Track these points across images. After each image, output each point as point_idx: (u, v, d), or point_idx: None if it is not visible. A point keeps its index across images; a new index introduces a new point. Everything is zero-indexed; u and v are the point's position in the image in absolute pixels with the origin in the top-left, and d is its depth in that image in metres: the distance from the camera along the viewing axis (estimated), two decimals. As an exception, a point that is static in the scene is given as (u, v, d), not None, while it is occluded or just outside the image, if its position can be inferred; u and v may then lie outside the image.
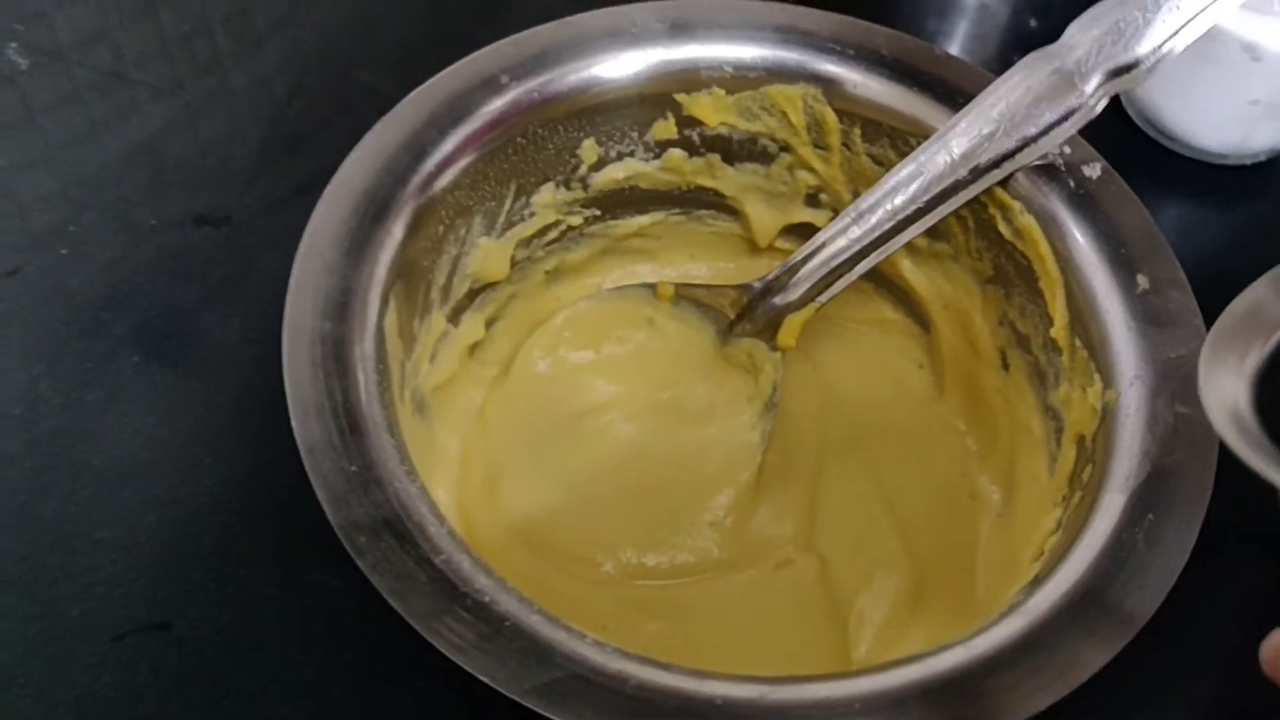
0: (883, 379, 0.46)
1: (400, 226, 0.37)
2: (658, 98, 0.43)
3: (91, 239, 0.49)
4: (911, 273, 0.45)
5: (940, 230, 0.43)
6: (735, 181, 0.45)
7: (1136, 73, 0.38)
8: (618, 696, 0.30)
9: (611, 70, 0.42)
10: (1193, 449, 0.34)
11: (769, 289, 0.43)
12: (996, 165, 0.39)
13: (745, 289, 0.44)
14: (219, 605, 0.40)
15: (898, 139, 0.42)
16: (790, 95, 0.43)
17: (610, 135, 0.43)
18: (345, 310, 0.35)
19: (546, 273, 0.46)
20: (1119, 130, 0.56)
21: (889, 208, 0.40)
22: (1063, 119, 0.39)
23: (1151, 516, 0.33)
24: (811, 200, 0.46)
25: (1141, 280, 0.38)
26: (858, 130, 0.43)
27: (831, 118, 0.43)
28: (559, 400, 0.45)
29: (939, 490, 0.43)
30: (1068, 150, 0.40)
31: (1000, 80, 0.40)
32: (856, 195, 0.43)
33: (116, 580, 0.40)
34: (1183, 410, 0.35)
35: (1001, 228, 0.41)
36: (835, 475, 0.44)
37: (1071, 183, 0.40)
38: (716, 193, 0.46)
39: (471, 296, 0.43)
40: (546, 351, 0.45)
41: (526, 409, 0.44)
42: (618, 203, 0.46)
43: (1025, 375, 0.42)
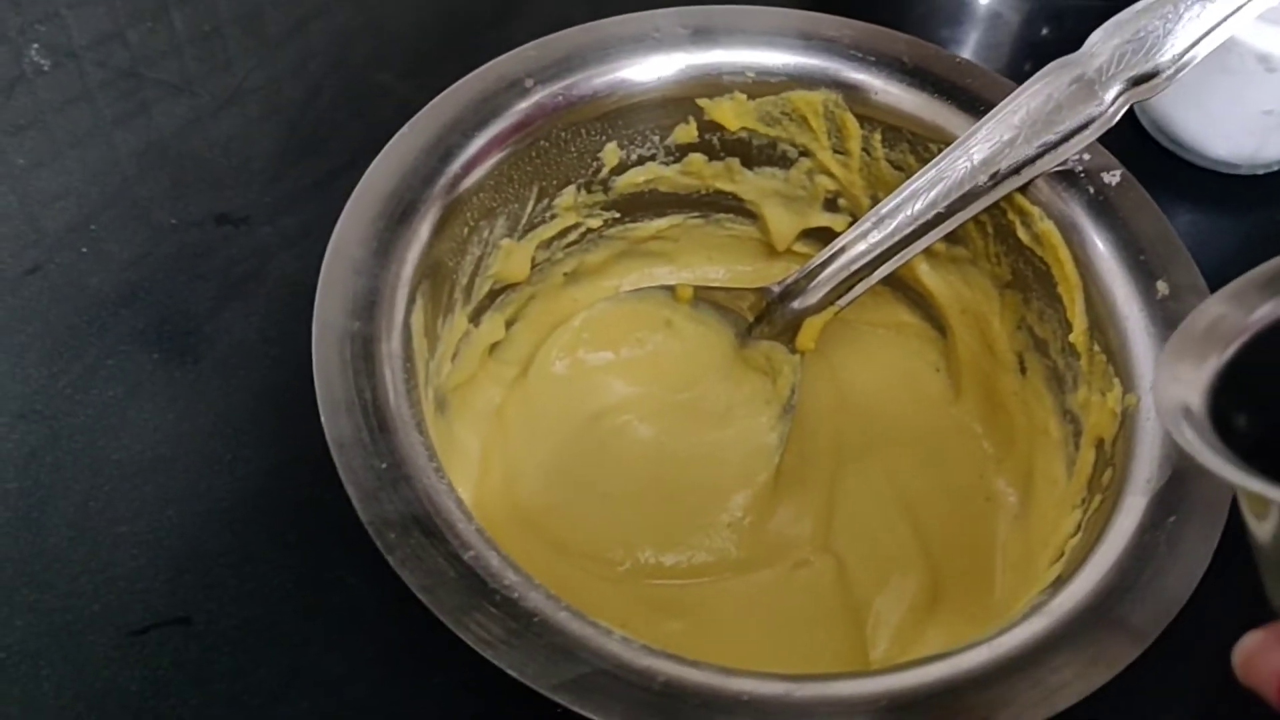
0: (899, 382, 0.47)
1: (427, 227, 0.38)
2: (680, 102, 0.43)
3: (111, 237, 0.49)
4: (929, 277, 0.45)
5: (959, 235, 0.43)
6: (754, 185, 0.46)
7: (1156, 81, 0.39)
8: (645, 693, 0.30)
9: (635, 75, 0.42)
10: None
11: (788, 292, 0.44)
12: (1016, 171, 0.40)
13: (764, 292, 0.44)
14: (239, 600, 0.40)
15: (918, 145, 0.43)
16: (811, 101, 0.43)
17: (632, 139, 0.43)
18: (373, 309, 0.35)
19: (565, 274, 0.46)
20: (1132, 139, 0.56)
21: (909, 213, 0.41)
22: (1083, 126, 0.39)
23: (1173, 519, 0.33)
24: (830, 205, 0.46)
25: (1161, 286, 0.38)
26: (878, 136, 0.43)
27: (852, 123, 0.43)
28: (577, 401, 0.45)
29: (956, 493, 0.44)
30: (1087, 157, 0.40)
31: (1022, 88, 0.40)
32: (875, 200, 0.43)
33: (137, 575, 0.41)
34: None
35: (1020, 233, 0.41)
36: (852, 477, 0.44)
37: (1091, 189, 0.40)
38: (735, 196, 0.46)
39: (492, 297, 0.44)
40: (565, 352, 0.45)
41: (545, 409, 0.44)
42: (637, 206, 0.46)
43: (1043, 379, 0.42)
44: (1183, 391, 0.26)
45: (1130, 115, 0.56)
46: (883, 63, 0.43)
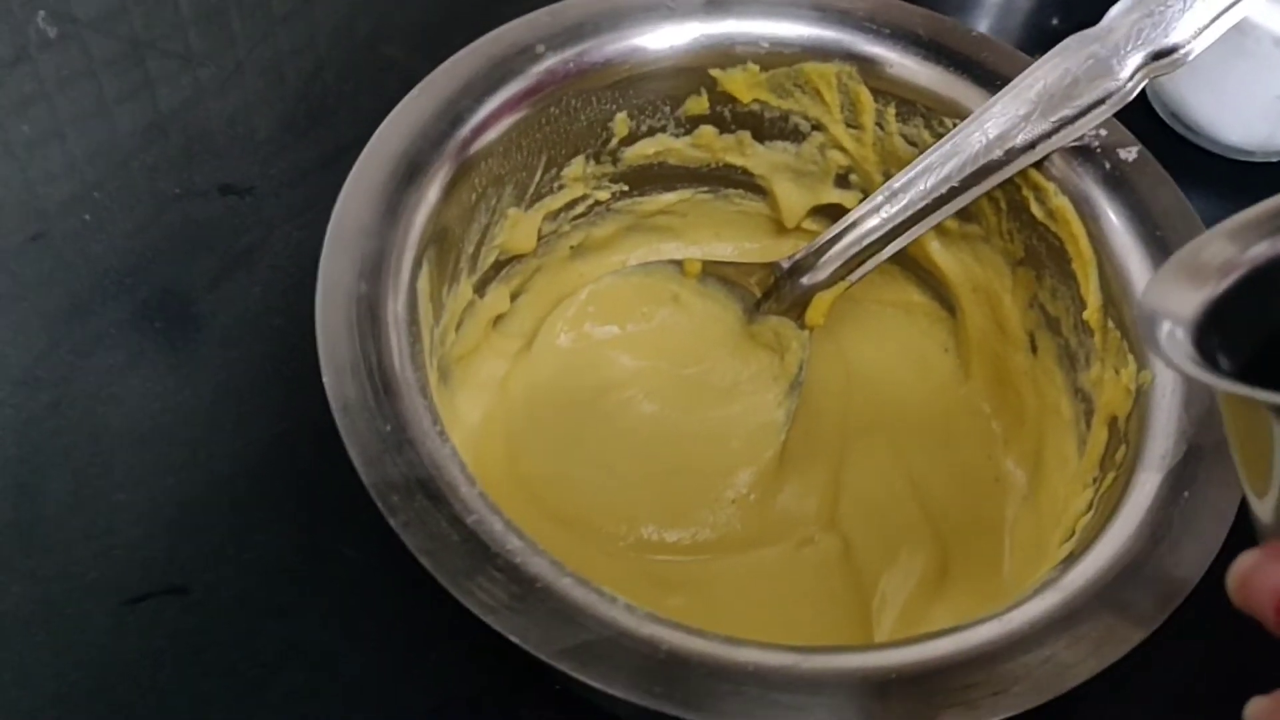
0: (908, 361, 0.46)
1: (435, 189, 0.37)
2: (692, 72, 0.42)
3: (115, 205, 0.48)
4: (940, 254, 0.45)
5: (971, 211, 0.42)
6: (765, 160, 0.45)
7: (1175, 57, 0.39)
8: (649, 661, 0.29)
9: (647, 43, 0.41)
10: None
11: (797, 267, 0.43)
12: (1031, 147, 0.39)
13: (773, 267, 0.44)
14: (237, 571, 0.40)
15: (932, 119, 0.42)
16: (825, 73, 0.42)
17: (643, 109, 0.43)
18: (380, 271, 0.35)
19: (572, 248, 0.46)
20: (1146, 124, 0.56)
21: (922, 187, 0.40)
22: (1099, 102, 0.39)
23: (1187, 494, 0.33)
24: (841, 181, 0.46)
25: (1177, 262, 0.37)
26: (892, 110, 0.43)
27: (866, 96, 0.43)
28: (582, 375, 0.44)
29: (964, 472, 0.43)
30: (1103, 133, 0.40)
31: (1038, 62, 0.40)
32: (887, 176, 0.43)
33: (135, 543, 0.40)
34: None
35: (1034, 209, 0.41)
36: (859, 455, 0.44)
37: (1107, 165, 0.40)
38: (745, 171, 0.46)
39: (498, 268, 0.43)
40: (571, 326, 0.45)
41: (549, 382, 0.44)
42: (645, 179, 0.45)
43: (1054, 357, 0.42)
44: (1170, 310, 0.26)
45: (1144, 100, 0.56)
46: (898, 35, 0.42)
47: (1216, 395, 0.28)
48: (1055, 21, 0.62)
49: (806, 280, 0.43)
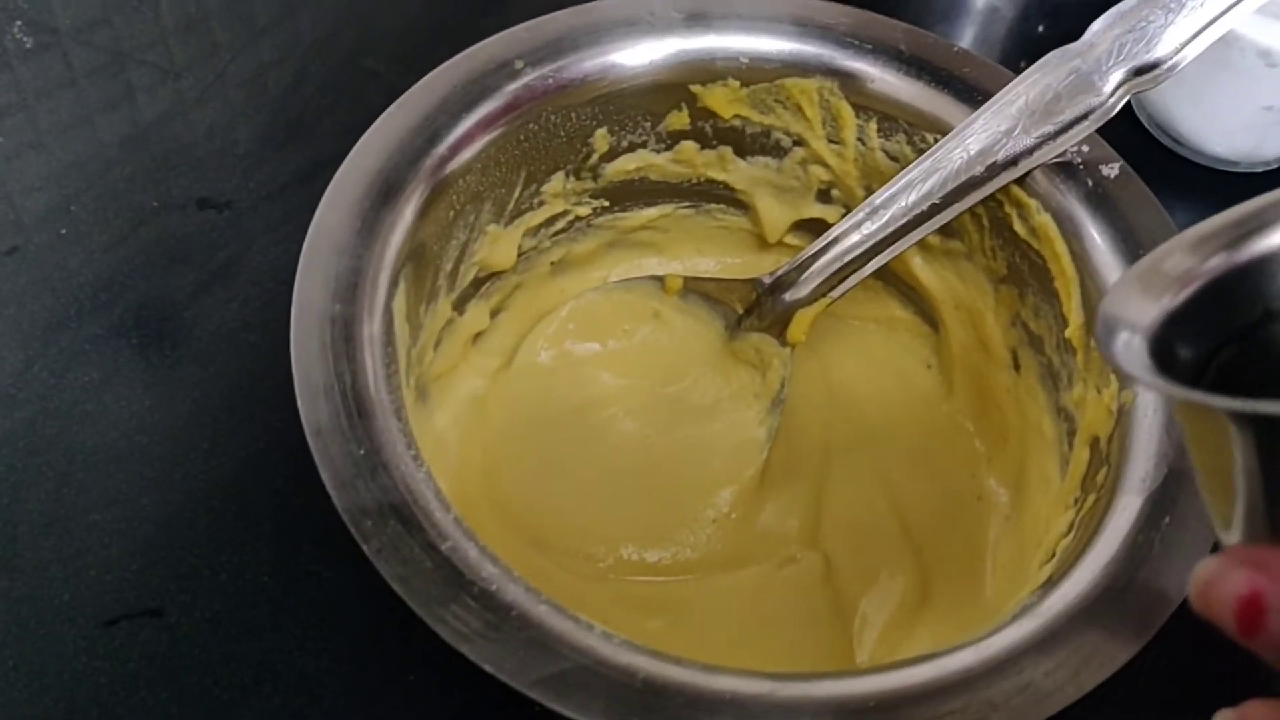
0: (890, 378, 0.46)
1: (411, 208, 0.37)
2: (672, 88, 0.42)
3: (91, 219, 0.48)
4: (923, 271, 0.44)
5: (954, 228, 0.42)
6: (746, 175, 0.45)
7: (1157, 72, 0.38)
8: (626, 690, 0.29)
9: (627, 59, 0.41)
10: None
11: (779, 284, 0.43)
12: (1013, 163, 0.39)
13: (755, 283, 0.43)
14: (212, 592, 0.40)
15: (914, 135, 0.42)
16: (806, 89, 0.42)
17: (623, 125, 0.43)
18: (355, 291, 0.34)
19: (552, 264, 0.45)
20: (1131, 136, 0.55)
21: (903, 204, 0.40)
22: (1081, 117, 0.38)
23: (1168, 520, 0.32)
24: (823, 196, 0.45)
25: (1159, 281, 0.37)
26: (873, 125, 0.42)
27: (848, 112, 0.42)
28: (562, 393, 0.44)
29: (946, 491, 0.43)
30: (1086, 149, 0.40)
31: (1020, 77, 0.39)
32: (869, 191, 0.43)
33: (109, 564, 0.40)
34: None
35: (1017, 226, 0.41)
36: (841, 474, 0.43)
37: (1089, 181, 0.39)
38: (727, 186, 0.46)
39: (477, 285, 0.43)
40: (551, 343, 0.45)
41: (528, 401, 0.44)
42: (626, 194, 0.45)
43: (1037, 376, 0.41)
44: (1129, 320, 0.26)
45: (1129, 111, 0.56)
46: (879, 50, 0.42)
47: (1175, 413, 0.28)
48: (1041, 29, 0.62)
49: (788, 296, 0.43)
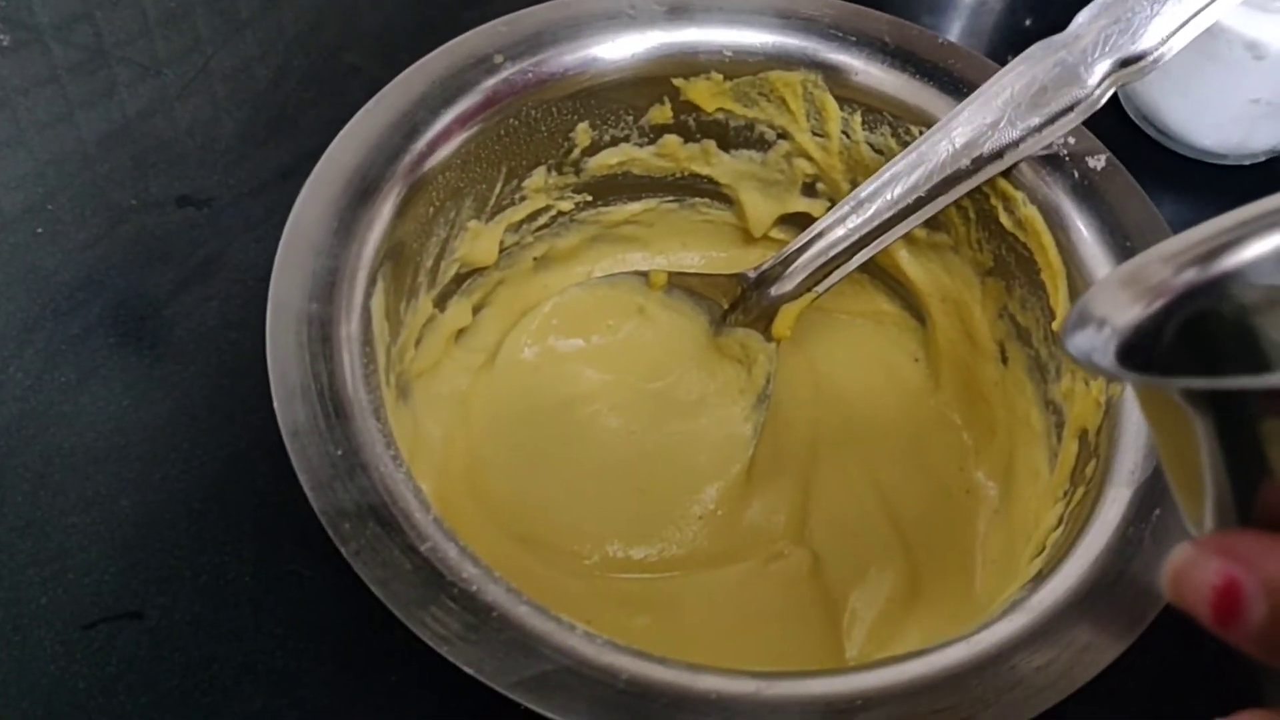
0: (877, 372, 0.46)
1: (389, 206, 0.36)
2: (655, 81, 0.42)
3: (68, 218, 0.47)
4: (909, 264, 0.44)
5: (940, 221, 0.42)
6: (730, 169, 0.45)
7: (1143, 64, 0.38)
8: (609, 690, 0.29)
9: (608, 52, 0.41)
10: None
11: (764, 278, 0.42)
12: (999, 155, 0.39)
13: (740, 278, 0.43)
14: (192, 594, 0.39)
15: (899, 127, 0.42)
16: (790, 81, 0.42)
17: (605, 119, 0.42)
18: (332, 290, 0.34)
19: (535, 259, 0.45)
20: (1118, 129, 0.55)
21: (889, 197, 0.40)
22: (1067, 109, 0.38)
23: (1158, 512, 0.32)
24: (808, 190, 0.45)
25: (1146, 273, 0.37)
26: (858, 118, 0.42)
27: (832, 105, 0.42)
28: (546, 389, 0.44)
29: (934, 485, 0.43)
30: (1072, 141, 0.39)
31: (1005, 69, 0.39)
32: (854, 185, 0.42)
33: (87, 567, 0.39)
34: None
35: (1003, 219, 0.40)
36: (828, 469, 0.43)
37: (1075, 174, 0.39)
38: (711, 180, 0.45)
39: (459, 282, 0.42)
40: (534, 339, 0.44)
41: (512, 398, 0.43)
42: (609, 189, 0.45)
43: (1025, 368, 0.41)
44: (1100, 314, 0.26)
45: (1116, 104, 0.56)
46: (863, 43, 0.42)
47: (1143, 411, 0.28)
48: (1028, 22, 0.62)
49: (774, 291, 0.42)
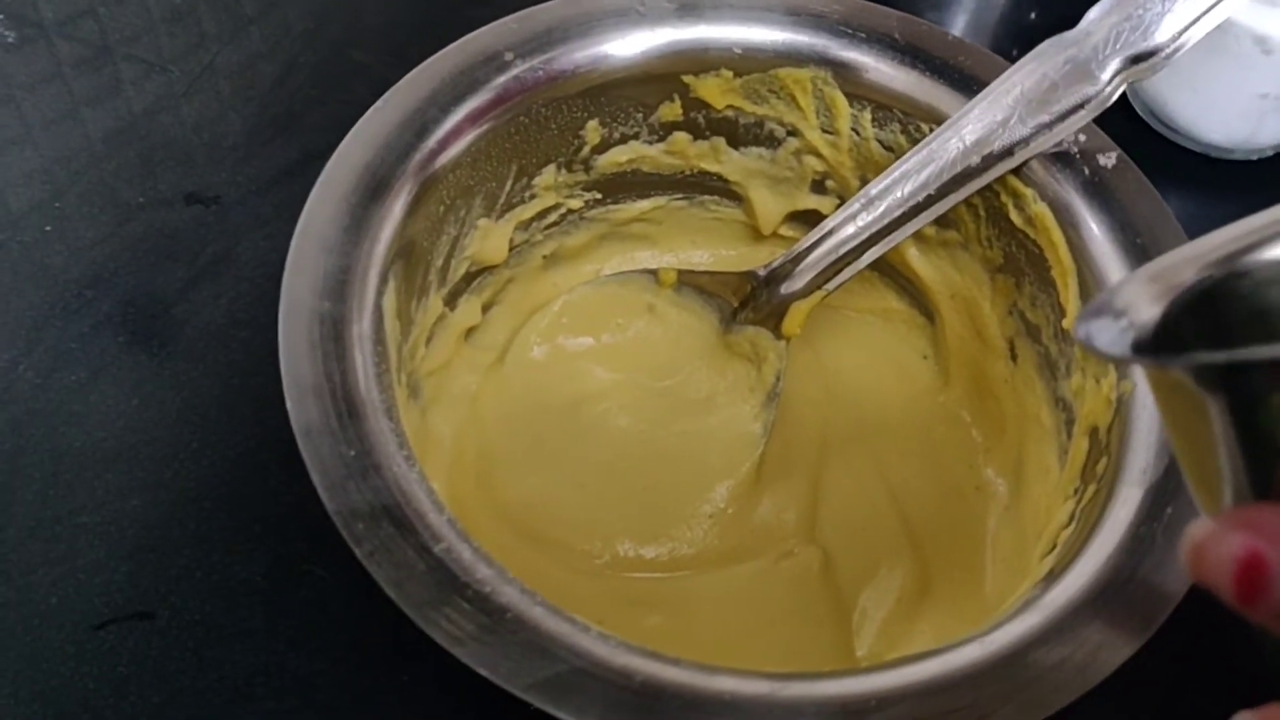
0: (887, 369, 0.46)
1: (401, 204, 0.36)
2: (664, 79, 0.42)
3: (76, 216, 0.47)
4: (919, 261, 0.44)
5: (950, 218, 0.42)
6: (740, 166, 0.45)
7: (1154, 61, 0.38)
8: (623, 692, 0.29)
9: (618, 50, 0.41)
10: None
11: (774, 276, 0.42)
12: (1010, 153, 0.39)
13: (749, 276, 0.43)
14: (203, 594, 0.39)
15: (909, 124, 0.41)
16: (800, 78, 0.42)
17: (615, 116, 0.42)
18: (344, 289, 0.34)
19: (544, 257, 0.45)
20: (1126, 123, 0.55)
21: (899, 195, 0.40)
22: (1079, 106, 0.38)
23: (1170, 510, 0.32)
24: (817, 187, 0.45)
25: (1158, 270, 0.37)
26: (868, 115, 0.42)
27: (841, 102, 0.42)
28: (556, 388, 0.44)
29: (944, 482, 0.43)
30: (1083, 138, 0.39)
31: (1015, 66, 0.39)
32: (864, 182, 0.42)
33: (97, 567, 0.39)
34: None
35: (1013, 216, 0.40)
36: (838, 467, 0.43)
37: (1086, 171, 0.39)
38: (720, 177, 0.45)
39: (469, 280, 0.42)
40: (544, 338, 0.44)
41: (522, 396, 0.43)
42: (619, 186, 0.45)
43: (1034, 365, 0.41)
44: (1117, 306, 0.25)
45: (1124, 100, 0.56)
46: (873, 39, 0.41)
47: (1156, 403, 0.28)
48: (1033, 16, 0.62)
49: (784, 289, 0.42)
